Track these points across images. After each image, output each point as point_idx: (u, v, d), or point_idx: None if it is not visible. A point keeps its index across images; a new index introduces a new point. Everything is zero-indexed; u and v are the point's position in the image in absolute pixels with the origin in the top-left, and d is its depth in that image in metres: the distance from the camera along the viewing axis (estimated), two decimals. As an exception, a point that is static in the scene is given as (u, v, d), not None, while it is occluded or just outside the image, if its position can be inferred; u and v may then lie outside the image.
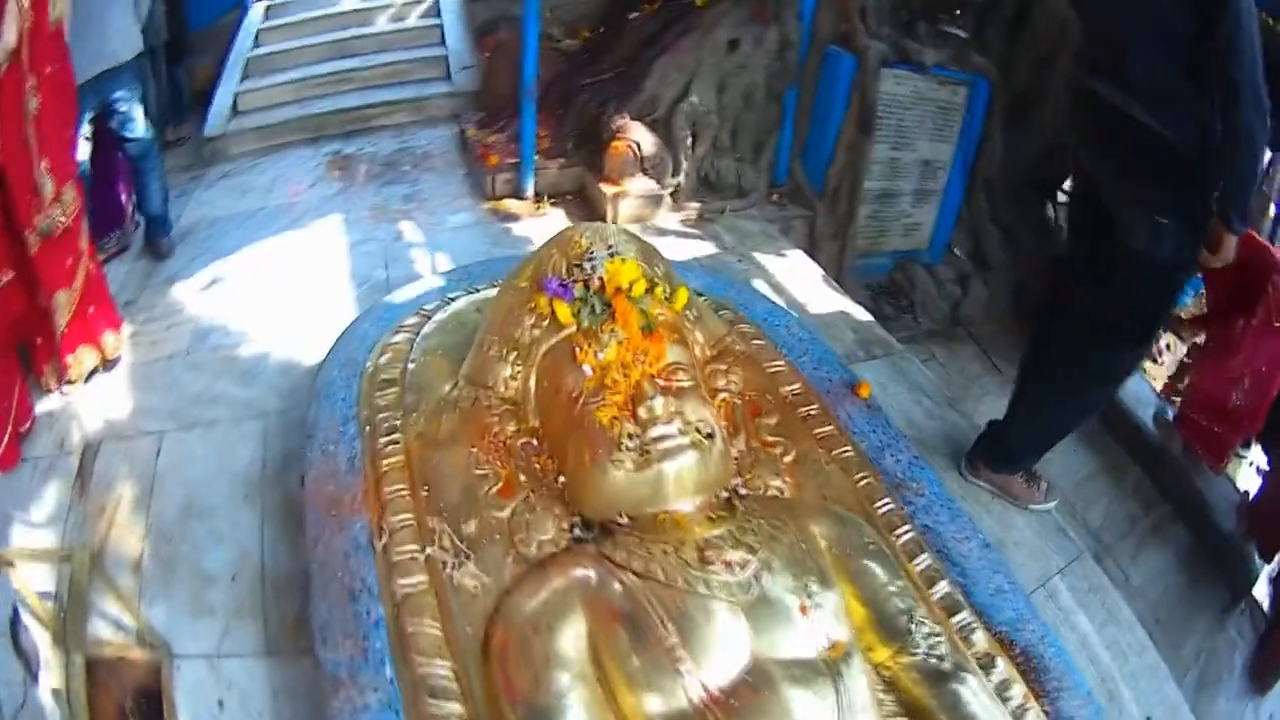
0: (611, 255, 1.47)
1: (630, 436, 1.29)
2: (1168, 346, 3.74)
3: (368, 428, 1.60)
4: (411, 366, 1.72)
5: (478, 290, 2.04)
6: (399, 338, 1.85)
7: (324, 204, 3.44)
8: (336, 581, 1.34)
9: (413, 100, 4.36)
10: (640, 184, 3.26)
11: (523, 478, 1.41)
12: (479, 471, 1.43)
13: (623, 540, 1.28)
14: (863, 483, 1.55)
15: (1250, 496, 2.75)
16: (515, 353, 1.50)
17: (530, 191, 3.34)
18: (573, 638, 1.16)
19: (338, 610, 1.31)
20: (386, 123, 4.26)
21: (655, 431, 1.29)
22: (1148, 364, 3.62)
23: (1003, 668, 1.31)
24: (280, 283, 2.77)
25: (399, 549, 1.35)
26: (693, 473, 1.31)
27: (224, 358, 2.32)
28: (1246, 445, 3.03)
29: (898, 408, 2.25)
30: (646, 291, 1.44)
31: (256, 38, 4.79)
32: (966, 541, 1.54)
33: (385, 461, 1.51)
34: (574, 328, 1.42)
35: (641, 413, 1.29)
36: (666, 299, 1.50)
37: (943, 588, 1.42)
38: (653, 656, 1.13)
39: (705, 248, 3.17)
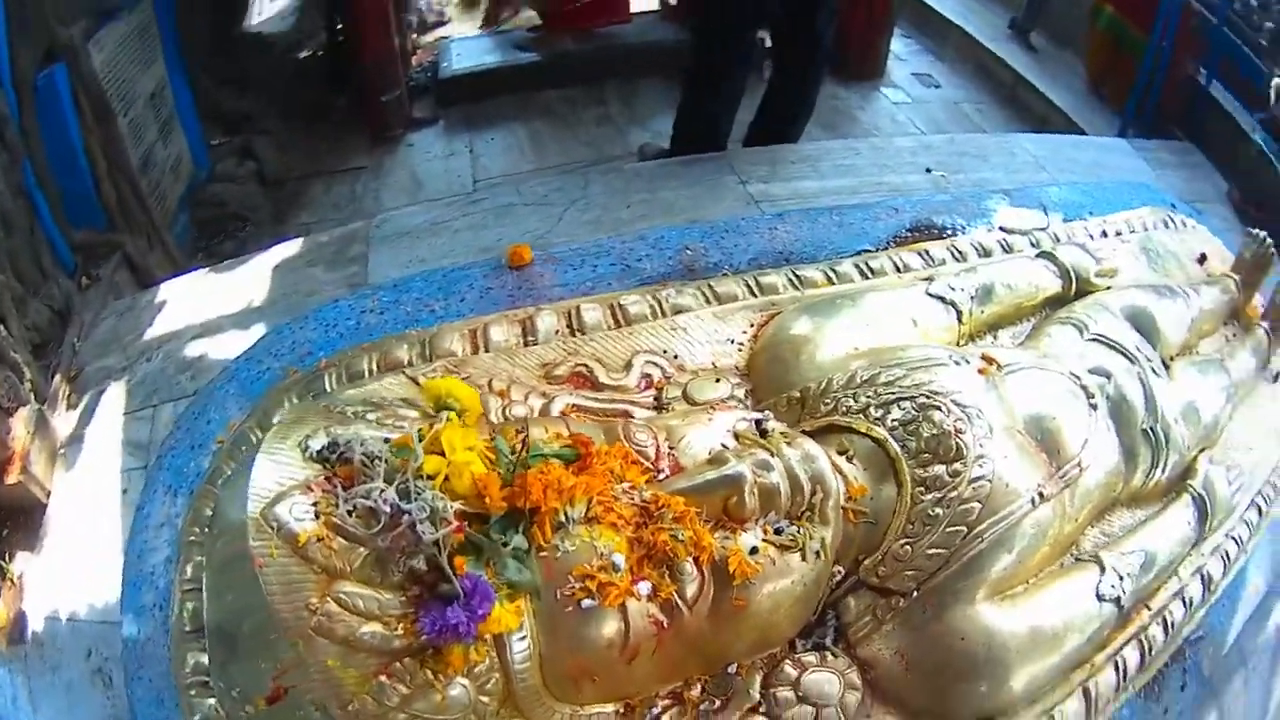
0: (383, 461, 0.75)
1: (778, 531, 0.88)
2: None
3: None
4: None
5: None
6: None
7: None
8: None
9: None
10: (18, 435, 1.97)
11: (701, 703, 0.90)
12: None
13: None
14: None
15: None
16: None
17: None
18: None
19: None
20: None
21: (779, 489, 0.89)
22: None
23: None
24: None
25: None
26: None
27: None
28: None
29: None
30: (492, 437, 0.85)
31: None
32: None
33: None
34: (524, 600, 0.78)
35: (748, 503, 0.86)
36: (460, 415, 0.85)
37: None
38: None
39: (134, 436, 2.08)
